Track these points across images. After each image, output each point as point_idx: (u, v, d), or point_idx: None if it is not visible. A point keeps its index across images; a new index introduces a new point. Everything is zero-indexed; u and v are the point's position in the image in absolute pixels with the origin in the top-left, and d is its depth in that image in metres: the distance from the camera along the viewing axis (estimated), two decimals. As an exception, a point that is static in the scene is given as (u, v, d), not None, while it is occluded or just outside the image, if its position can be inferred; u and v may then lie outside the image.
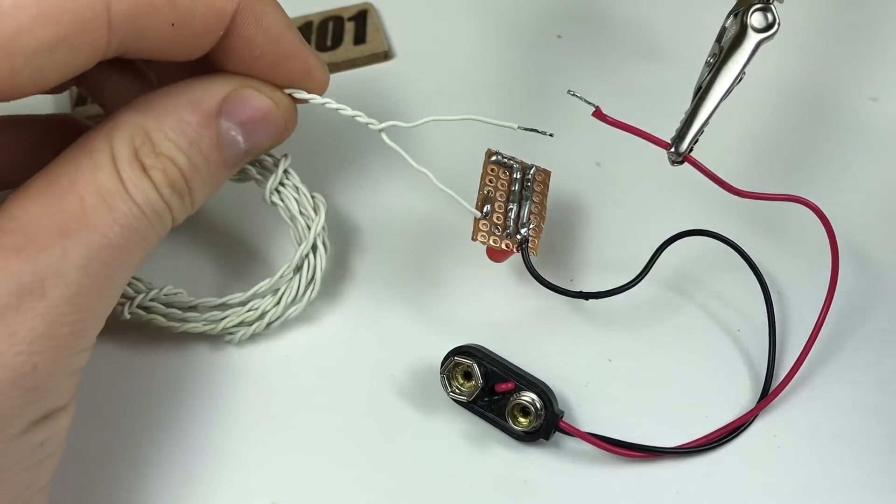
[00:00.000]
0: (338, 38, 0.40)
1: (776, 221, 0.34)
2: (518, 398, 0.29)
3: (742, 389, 0.31)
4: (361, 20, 0.40)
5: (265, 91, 0.27)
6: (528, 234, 0.29)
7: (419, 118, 0.28)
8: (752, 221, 0.33)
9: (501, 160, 0.30)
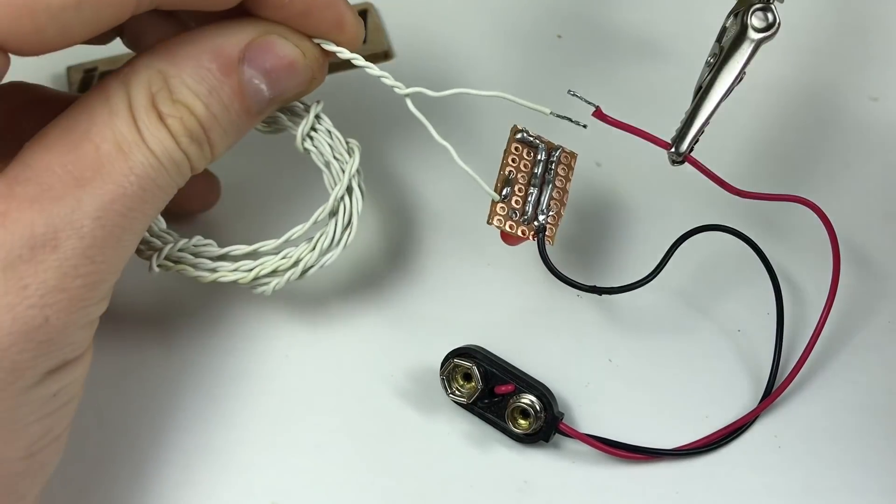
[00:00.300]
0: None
1: (777, 221, 0.34)
2: (518, 400, 0.29)
3: (742, 390, 0.31)
4: (362, 20, 0.40)
5: (292, 39, 0.26)
6: (547, 222, 0.29)
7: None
8: (753, 221, 0.33)
9: (527, 138, 0.29)
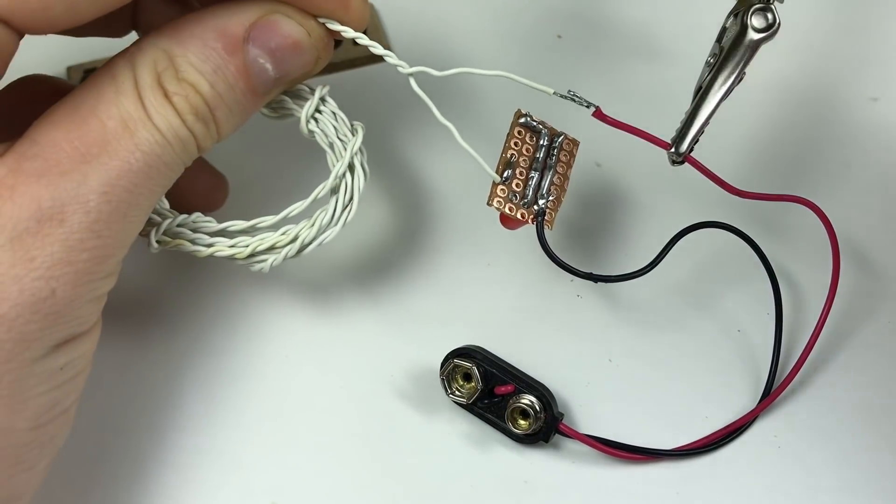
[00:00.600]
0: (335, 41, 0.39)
1: (776, 221, 0.34)
2: (518, 401, 0.29)
3: (742, 390, 0.31)
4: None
5: (297, 18, 0.26)
6: (546, 207, 0.29)
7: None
8: (753, 222, 0.33)
9: (530, 123, 0.29)
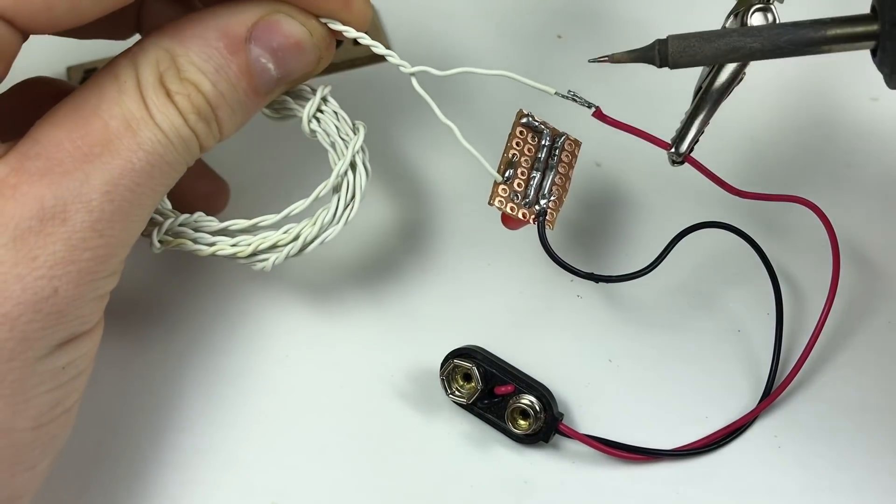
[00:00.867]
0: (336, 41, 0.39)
1: (777, 222, 0.34)
2: (518, 401, 0.29)
3: (742, 390, 0.31)
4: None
5: (298, 18, 0.26)
6: (547, 207, 0.29)
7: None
8: (753, 221, 0.33)
9: (532, 123, 0.29)
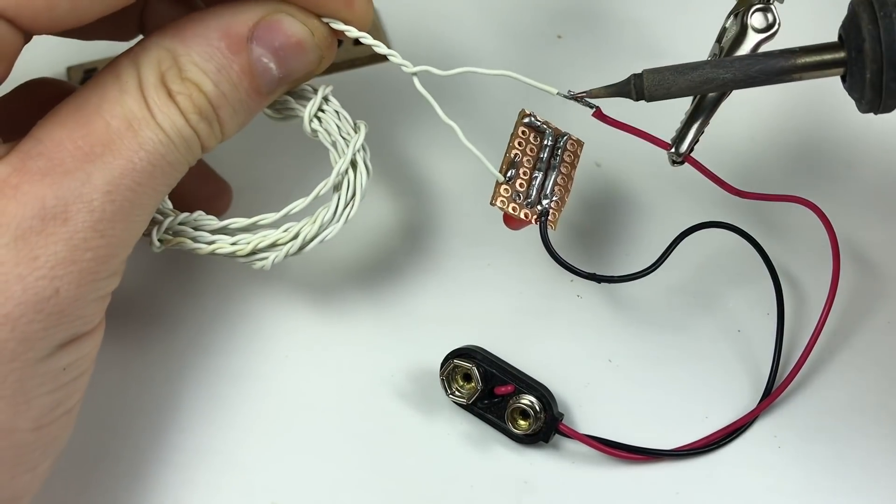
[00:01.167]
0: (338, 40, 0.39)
1: (777, 222, 0.34)
2: (518, 401, 0.29)
3: (742, 390, 0.31)
4: None
5: (300, 17, 0.26)
6: (550, 207, 0.28)
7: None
8: (753, 222, 0.33)
9: (534, 123, 0.29)
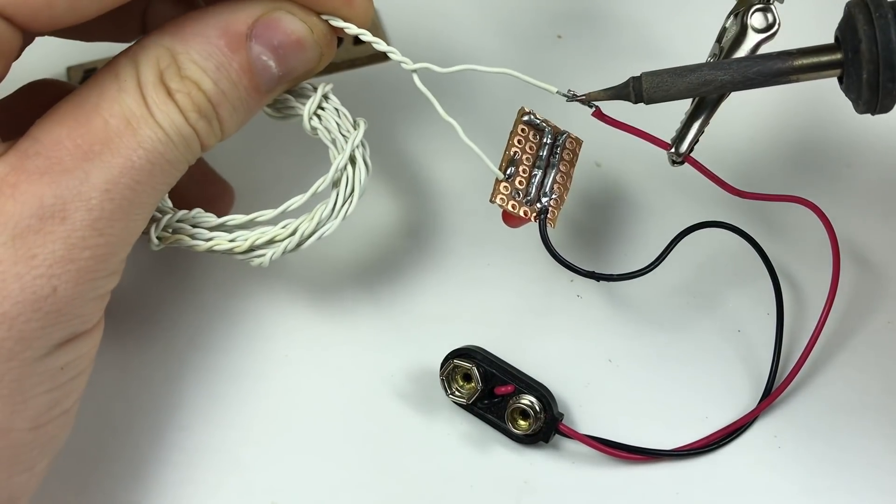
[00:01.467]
0: (338, 38, 0.39)
1: (777, 221, 0.34)
2: (517, 401, 0.29)
3: (742, 390, 0.31)
4: None
5: (299, 15, 0.26)
6: (549, 205, 0.28)
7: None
8: (753, 222, 0.33)
9: (533, 121, 0.29)
